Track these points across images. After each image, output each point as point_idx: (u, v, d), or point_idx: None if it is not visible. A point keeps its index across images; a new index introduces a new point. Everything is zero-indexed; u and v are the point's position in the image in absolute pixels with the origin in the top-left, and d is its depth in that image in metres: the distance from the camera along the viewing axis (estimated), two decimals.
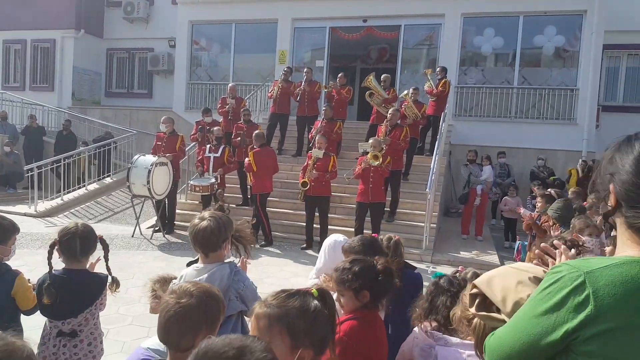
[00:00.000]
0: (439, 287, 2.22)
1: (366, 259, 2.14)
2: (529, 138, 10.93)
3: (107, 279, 2.62)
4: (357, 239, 2.69)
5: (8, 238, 2.56)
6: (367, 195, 7.26)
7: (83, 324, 2.50)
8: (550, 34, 11.12)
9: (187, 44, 13.70)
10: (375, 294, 2.04)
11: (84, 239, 2.47)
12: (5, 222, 2.57)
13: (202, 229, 2.22)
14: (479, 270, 2.24)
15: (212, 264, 2.24)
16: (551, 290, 1.05)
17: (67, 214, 9.76)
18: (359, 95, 12.70)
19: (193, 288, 1.57)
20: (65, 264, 2.51)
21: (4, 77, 16.06)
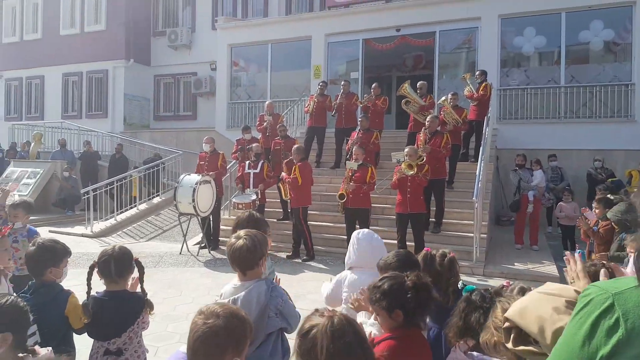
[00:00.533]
0: (471, 303, 2.06)
1: (397, 276, 2.04)
2: (582, 139, 10.36)
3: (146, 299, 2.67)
4: (392, 255, 2.59)
5: (60, 261, 2.69)
6: (405, 206, 7.06)
7: (127, 343, 2.55)
8: (597, 28, 10.57)
9: (227, 66, 14.15)
10: (408, 312, 1.94)
11: (118, 262, 2.55)
12: (59, 246, 2.72)
13: (239, 247, 2.24)
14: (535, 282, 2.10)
15: (249, 282, 2.25)
16: (582, 315, 1.00)
17: (120, 233, 10.20)
18: (396, 104, 12.58)
19: (220, 309, 1.60)
20: (105, 285, 2.60)
21: (64, 107, 17.22)
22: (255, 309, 2.16)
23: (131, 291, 2.66)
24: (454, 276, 2.69)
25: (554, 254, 8.28)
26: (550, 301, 1.20)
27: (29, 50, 17.59)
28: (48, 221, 11.29)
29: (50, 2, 17.19)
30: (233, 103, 14.24)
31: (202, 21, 15.87)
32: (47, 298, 2.51)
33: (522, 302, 1.27)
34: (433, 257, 2.75)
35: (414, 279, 2.01)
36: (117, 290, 2.58)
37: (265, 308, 2.18)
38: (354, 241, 3.01)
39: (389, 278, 2.02)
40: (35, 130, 14.61)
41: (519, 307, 1.25)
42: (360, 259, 2.97)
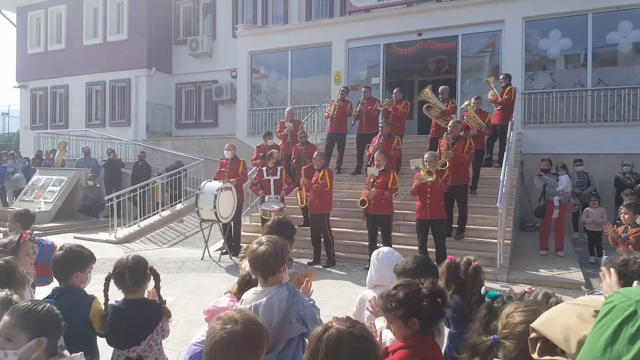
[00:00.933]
0: (492, 311, 1.99)
1: (411, 283, 2.00)
2: (609, 143, 10.09)
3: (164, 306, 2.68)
4: (411, 260, 2.56)
5: (86, 266, 2.73)
6: (425, 212, 7.00)
7: (147, 350, 2.58)
8: (626, 29, 10.30)
9: (247, 74, 14.24)
10: (424, 320, 1.91)
11: (133, 271, 2.55)
12: (85, 252, 2.77)
13: (261, 253, 2.25)
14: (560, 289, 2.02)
15: (270, 287, 2.26)
16: (605, 323, 0.98)
17: (143, 239, 10.32)
18: (418, 109, 12.47)
19: (238, 315, 1.61)
20: (123, 294, 2.62)
21: (88, 115, 17.58)
22: (277, 315, 2.17)
23: (149, 299, 2.68)
24: (477, 285, 2.64)
25: (580, 260, 8.12)
26: (577, 310, 1.19)
27: (53, 60, 18.03)
28: (73, 227, 11.53)
29: (74, 13, 17.61)
30: (254, 110, 14.32)
31: (223, 29, 16.04)
32: (71, 303, 2.53)
33: (549, 312, 1.26)
34: (457, 265, 2.73)
35: (429, 286, 1.98)
36: (135, 298, 2.59)
37: (287, 314, 2.19)
38: (374, 261, 3.01)
39: (403, 286, 1.98)
40: (60, 139, 14.91)
41: (546, 317, 1.25)
42: (381, 277, 2.96)
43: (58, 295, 2.59)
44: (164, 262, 8.26)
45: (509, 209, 7.96)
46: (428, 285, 1.98)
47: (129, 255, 2.63)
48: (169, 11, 16.95)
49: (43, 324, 1.84)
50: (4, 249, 2.97)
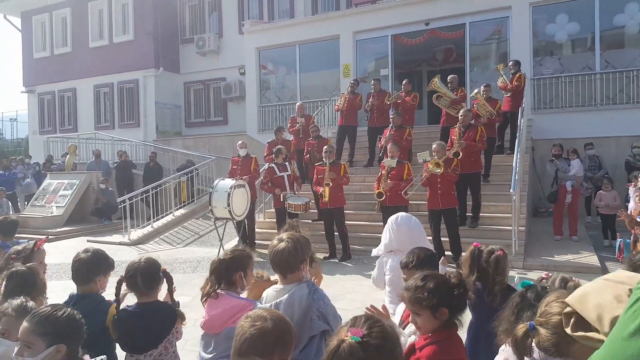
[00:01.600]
0: (525, 300, 2.00)
1: (437, 274, 2.03)
2: (620, 125, 10.04)
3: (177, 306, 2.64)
4: (411, 254, 2.56)
5: (108, 271, 2.73)
6: (436, 202, 7.02)
7: (164, 354, 2.54)
8: (633, 11, 10.22)
9: (255, 70, 14.26)
10: (453, 310, 1.94)
11: (145, 275, 2.50)
12: (110, 260, 2.76)
13: (280, 250, 2.23)
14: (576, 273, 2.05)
15: (290, 285, 2.24)
16: (636, 309, 0.96)
17: (157, 240, 10.39)
18: (427, 99, 12.43)
19: (266, 313, 1.62)
20: (137, 298, 2.57)
21: (96, 118, 17.68)
22: (298, 312, 2.16)
23: (163, 302, 2.62)
24: (500, 275, 2.62)
25: (594, 244, 8.12)
26: (613, 288, 1.16)
27: (60, 64, 18.11)
28: (86, 231, 11.60)
29: (78, 16, 17.65)
30: (263, 106, 14.34)
31: (229, 26, 16.03)
32: (89, 308, 2.48)
33: (585, 288, 1.24)
34: (480, 253, 2.72)
35: (458, 276, 2.00)
36: (149, 301, 2.54)
37: (308, 311, 2.17)
38: (392, 226, 3.05)
39: (432, 276, 1.99)
40: (70, 143, 15.02)
41: (581, 292, 1.23)
42: (400, 242, 2.99)
43: (76, 301, 2.55)
44: (179, 262, 8.33)
45: (522, 196, 7.95)
46: (457, 275, 2.01)
47: (142, 258, 2.58)
48: (175, 10, 16.96)
49: (63, 330, 1.81)
50: (17, 256, 2.95)
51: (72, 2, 17.65)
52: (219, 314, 2.45)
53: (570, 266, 6.82)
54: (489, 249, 2.72)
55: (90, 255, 2.67)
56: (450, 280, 1.98)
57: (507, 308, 2.03)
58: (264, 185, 8.68)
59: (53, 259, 7.98)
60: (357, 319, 1.45)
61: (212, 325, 2.47)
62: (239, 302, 2.48)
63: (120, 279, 2.51)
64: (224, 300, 2.48)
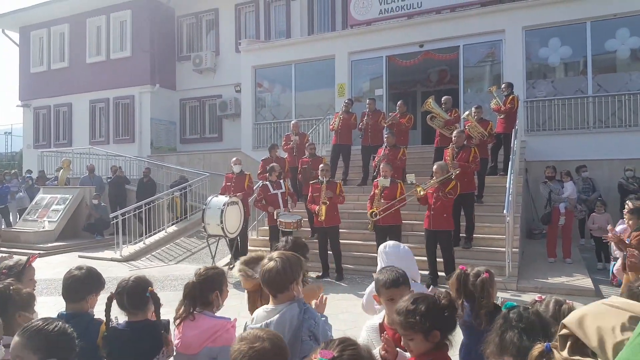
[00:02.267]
0: (507, 321, 1.96)
1: (427, 295, 2.01)
2: (612, 148, 10.14)
3: (169, 326, 2.59)
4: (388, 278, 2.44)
5: (100, 290, 2.69)
6: (429, 223, 7.03)
7: None
8: (624, 36, 10.41)
9: (251, 88, 14.35)
10: (444, 332, 1.93)
11: (131, 295, 2.48)
12: (102, 279, 2.71)
13: (269, 269, 2.22)
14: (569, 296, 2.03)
15: (281, 305, 2.22)
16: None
17: (149, 256, 10.29)
18: (421, 120, 12.53)
19: (262, 333, 1.63)
20: (127, 316, 2.54)
21: (91, 133, 17.66)
22: (288, 333, 2.13)
23: (154, 320, 2.57)
24: (485, 297, 2.62)
25: (587, 266, 8.12)
26: (613, 314, 1.13)
27: (56, 79, 18.16)
28: (77, 246, 11.48)
29: (76, 32, 17.77)
30: (258, 124, 14.40)
31: (226, 44, 16.20)
32: (79, 329, 2.39)
33: (583, 311, 1.21)
34: (467, 276, 2.71)
35: (447, 297, 2.00)
36: (138, 320, 2.50)
37: (298, 331, 2.14)
38: (382, 255, 3.04)
39: (421, 299, 1.97)
40: (64, 157, 14.96)
41: (579, 315, 1.19)
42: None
43: (65, 320, 2.43)
44: (171, 279, 8.23)
45: (515, 217, 7.97)
46: (446, 296, 1.99)
47: (131, 277, 2.54)
48: (172, 28, 17.13)
49: (54, 345, 1.79)
50: (9, 272, 2.89)
51: (70, 19, 17.78)
52: (197, 335, 2.42)
53: (564, 289, 6.80)
54: (475, 271, 2.70)
55: (85, 272, 2.63)
56: (441, 301, 1.97)
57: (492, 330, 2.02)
58: (257, 202, 8.62)
59: (44, 274, 7.87)
60: (332, 342, 1.43)
61: (189, 346, 2.44)
62: (217, 321, 2.47)
63: (111, 295, 2.49)
64: (201, 321, 2.46)
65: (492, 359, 1.93)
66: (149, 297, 2.51)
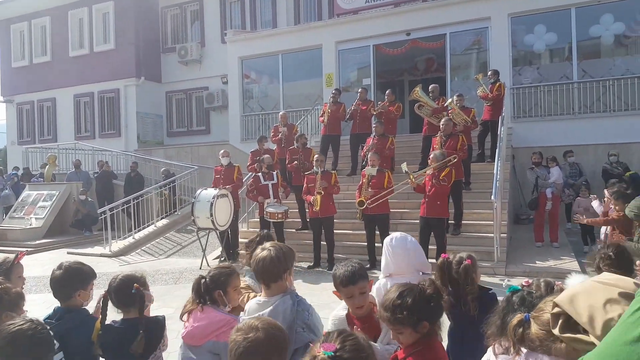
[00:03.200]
0: (510, 304, 1.99)
1: (412, 287, 1.98)
2: (598, 133, 10.26)
3: (164, 321, 2.58)
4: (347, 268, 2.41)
5: (88, 283, 2.64)
6: (424, 210, 7.06)
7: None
8: (608, 22, 10.50)
9: (238, 79, 14.24)
10: (432, 321, 1.95)
11: (118, 293, 2.48)
12: (85, 268, 2.67)
13: (262, 258, 2.19)
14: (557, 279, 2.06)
15: (274, 297, 2.20)
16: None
17: (138, 251, 10.24)
18: (409, 109, 12.55)
19: (258, 322, 1.61)
20: (122, 314, 2.53)
21: (77, 128, 17.42)
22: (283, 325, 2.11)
23: (148, 317, 2.56)
24: (470, 284, 2.64)
25: (574, 250, 8.23)
26: (604, 291, 1.15)
27: (39, 73, 17.85)
28: (66, 243, 11.38)
29: (58, 24, 17.44)
30: (246, 115, 14.32)
31: (211, 35, 16.02)
32: (73, 324, 2.45)
33: (575, 288, 1.22)
34: (450, 263, 2.72)
35: (432, 285, 1.99)
36: (132, 317, 2.48)
37: (293, 323, 2.12)
38: (388, 249, 2.91)
39: (407, 291, 1.96)
40: (49, 153, 14.76)
41: (570, 293, 1.21)
42: (397, 266, 2.90)
43: (60, 315, 2.51)
44: (161, 273, 8.21)
45: (503, 203, 8.03)
46: (431, 285, 1.99)
47: (119, 275, 2.54)
48: (156, 19, 16.88)
49: (27, 344, 1.77)
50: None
51: (51, 11, 17.44)
52: (203, 326, 2.43)
53: (552, 272, 6.90)
54: (457, 259, 2.71)
55: (62, 272, 2.59)
56: (426, 291, 1.96)
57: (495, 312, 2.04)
58: (249, 193, 8.63)
59: (32, 271, 7.79)
60: (330, 334, 1.44)
61: (193, 336, 2.44)
62: (224, 316, 2.47)
63: (105, 294, 2.49)
64: (209, 313, 2.47)
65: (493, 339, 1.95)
66: (135, 294, 2.49)
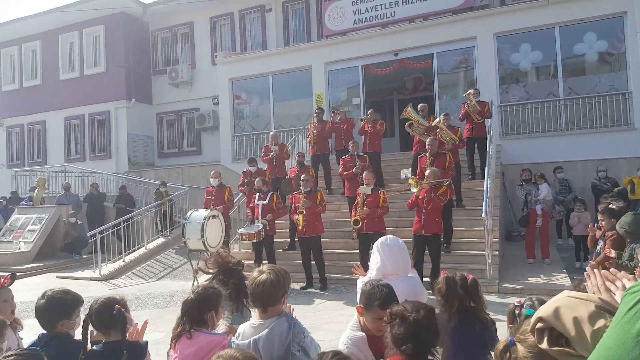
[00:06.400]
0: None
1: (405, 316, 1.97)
2: (585, 149, 10.40)
3: (146, 347, 2.53)
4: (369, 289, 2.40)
5: (72, 312, 2.60)
6: (420, 227, 7.02)
7: None
8: (591, 40, 10.75)
9: (229, 100, 14.31)
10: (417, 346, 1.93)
11: (99, 315, 2.45)
12: (69, 297, 2.62)
13: (262, 282, 2.18)
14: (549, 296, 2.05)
15: (269, 319, 2.19)
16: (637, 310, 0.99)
17: (129, 274, 10.09)
18: (399, 127, 12.67)
19: (238, 354, 1.61)
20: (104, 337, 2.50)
21: (67, 150, 17.32)
22: (279, 349, 2.12)
23: (130, 340, 2.51)
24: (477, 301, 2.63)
25: (566, 266, 8.26)
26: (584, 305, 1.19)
27: (29, 96, 17.81)
28: (55, 267, 11.22)
29: (49, 48, 17.48)
30: (237, 136, 14.35)
31: (202, 57, 16.12)
32: (58, 351, 2.41)
33: (554, 303, 1.24)
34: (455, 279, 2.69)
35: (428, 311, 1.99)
36: (113, 340, 2.45)
37: (289, 346, 2.12)
38: (383, 248, 2.92)
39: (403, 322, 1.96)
40: (39, 176, 14.64)
41: (552, 307, 1.23)
42: (394, 264, 2.88)
43: (45, 342, 2.47)
44: (152, 296, 8.10)
45: (494, 220, 8.07)
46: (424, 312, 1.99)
47: (100, 298, 2.53)
48: (147, 42, 16.98)
49: None
50: None
51: (42, 35, 17.49)
52: (194, 352, 2.39)
53: (545, 289, 6.91)
54: (459, 276, 2.70)
55: (45, 302, 2.55)
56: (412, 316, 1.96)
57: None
58: (248, 209, 8.71)
59: (21, 296, 7.66)
60: (324, 355, 1.44)
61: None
62: (213, 337, 2.44)
63: (86, 318, 2.46)
64: (198, 338, 2.45)
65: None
66: (116, 315, 2.46)
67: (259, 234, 8.02)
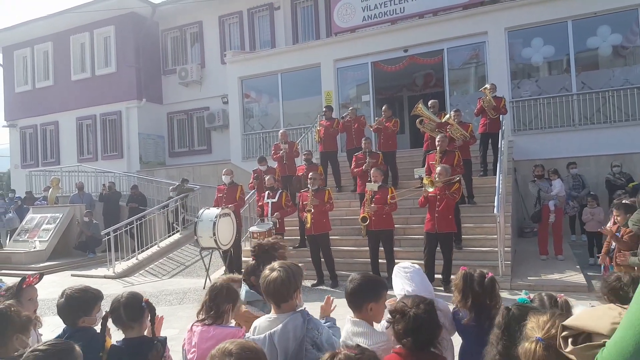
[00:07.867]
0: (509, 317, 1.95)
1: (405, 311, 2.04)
2: (599, 144, 10.26)
3: (165, 341, 2.58)
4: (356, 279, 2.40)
5: (92, 309, 2.67)
6: (433, 225, 6.97)
7: None
8: (604, 33, 10.58)
9: (238, 99, 14.35)
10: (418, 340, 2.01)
11: (127, 307, 2.49)
12: (89, 295, 2.69)
13: (273, 280, 2.22)
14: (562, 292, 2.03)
15: (284, 314, 2.22)
16: None
17: (142, 272, 10.20)
18: (409, 124, 12.61)
19: (232, 346, 1.61)
20: (123, 333, 2.54)
21: (79, 150, 17.52)
22: (293, 343, 2.14)
23: (150, 336, 2.58)
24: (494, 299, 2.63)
25: (579, 262, 8.17)
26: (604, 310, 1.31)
27: (42, 97, 18.02)
28: (70, 265, 11.37)
29: (60, 49, 17.67)
30: (247, 134, 14.40)
31: (211, 56, 16.19)
32: (82, 342, 2.41)
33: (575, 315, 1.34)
34: (472, 276, 2.68)
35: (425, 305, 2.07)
36: (134, 337, 2.51)
37: (303, 341, 2.15)
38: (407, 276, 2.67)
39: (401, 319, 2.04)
40: (52, 176, 14.83)
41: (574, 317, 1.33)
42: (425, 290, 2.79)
43: (69, 335, 2.53)
44: (165, 294, 8.17)
45: (506, 216, 8.02)
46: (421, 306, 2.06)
47: (124, 293, 2.58)
48: (157, 42, 17.10)
49: None
50: (6, 293, 2.91)
51: (53, 36, 17.69)
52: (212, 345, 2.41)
53: (558, 285, 6.86)
54: (478, 272, 2.69)
55: (64, 301, 2.63)
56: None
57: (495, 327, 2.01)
58: (258, 207, 8.83)
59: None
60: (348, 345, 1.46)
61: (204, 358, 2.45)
62: (229, 330, 2.51)
63: (105, 314, 2.50)
64: (215, 332, 2.50)
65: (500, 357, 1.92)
66: (145, 307, 2.53)
67: (269, 232, 8.06)
